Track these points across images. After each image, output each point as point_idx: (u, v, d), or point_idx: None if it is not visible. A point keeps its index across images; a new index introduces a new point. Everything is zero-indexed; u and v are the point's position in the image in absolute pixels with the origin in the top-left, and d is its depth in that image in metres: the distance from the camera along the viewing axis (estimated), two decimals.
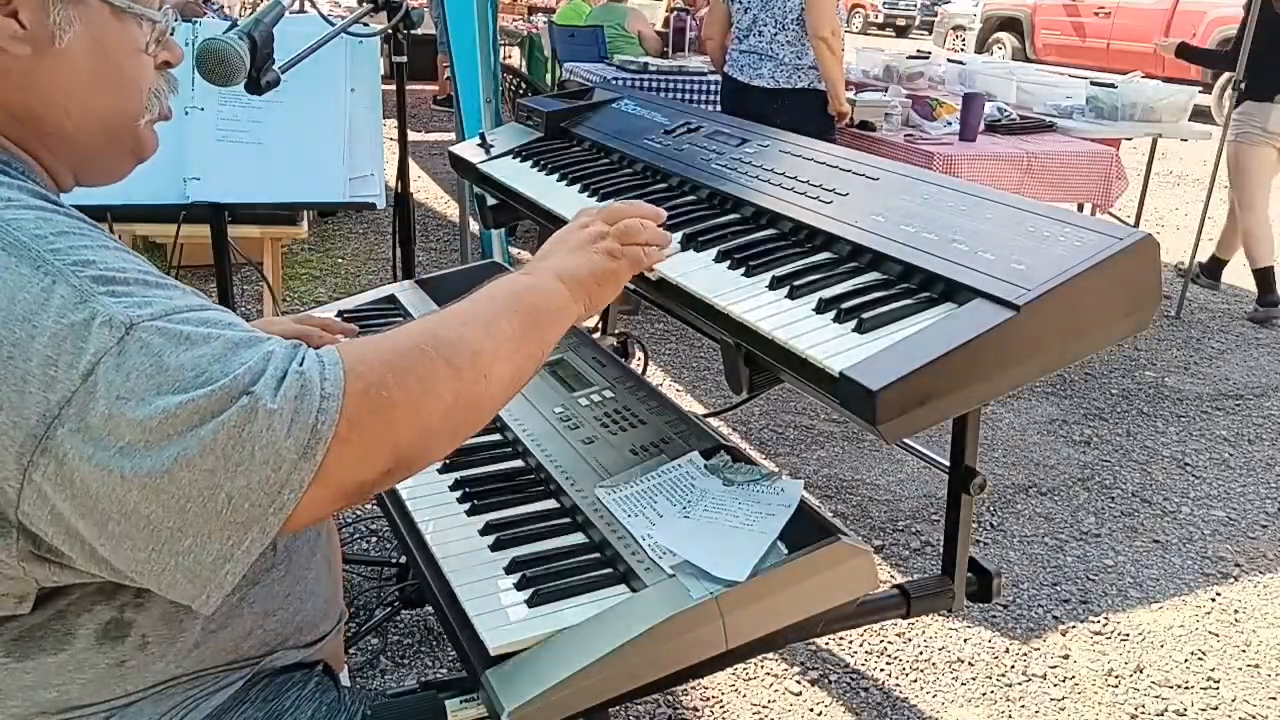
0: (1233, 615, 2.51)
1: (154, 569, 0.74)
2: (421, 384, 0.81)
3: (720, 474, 1.19)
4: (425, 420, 0.81)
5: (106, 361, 0.70)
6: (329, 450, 0.74)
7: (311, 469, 0.73)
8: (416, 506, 1.19)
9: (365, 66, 2.19)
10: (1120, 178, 4.20)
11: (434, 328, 0.87)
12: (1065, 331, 0.95)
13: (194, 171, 2.08)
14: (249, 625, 1.00)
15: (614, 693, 0.94)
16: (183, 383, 0.71)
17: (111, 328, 0.71)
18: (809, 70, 3.71)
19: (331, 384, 0.75)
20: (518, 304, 0.94)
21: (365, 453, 0.77)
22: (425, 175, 6.56)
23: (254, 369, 0.73)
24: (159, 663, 0.92)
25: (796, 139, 1.42)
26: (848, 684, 2.20)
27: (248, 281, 4.22)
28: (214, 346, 0.73)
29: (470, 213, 3.95)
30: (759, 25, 3.74)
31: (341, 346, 0.80)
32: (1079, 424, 3.56)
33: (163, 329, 0.72)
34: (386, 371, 0.79)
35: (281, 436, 0.72)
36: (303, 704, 1.02)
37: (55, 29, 0.83)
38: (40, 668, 0.86)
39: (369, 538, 2.61)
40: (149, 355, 0.71)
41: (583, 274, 1.02)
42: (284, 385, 0.73)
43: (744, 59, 3.82)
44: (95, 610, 0.87)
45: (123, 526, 0.72)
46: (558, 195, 1.49)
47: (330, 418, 0.74)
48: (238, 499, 0.72)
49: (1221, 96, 9.88)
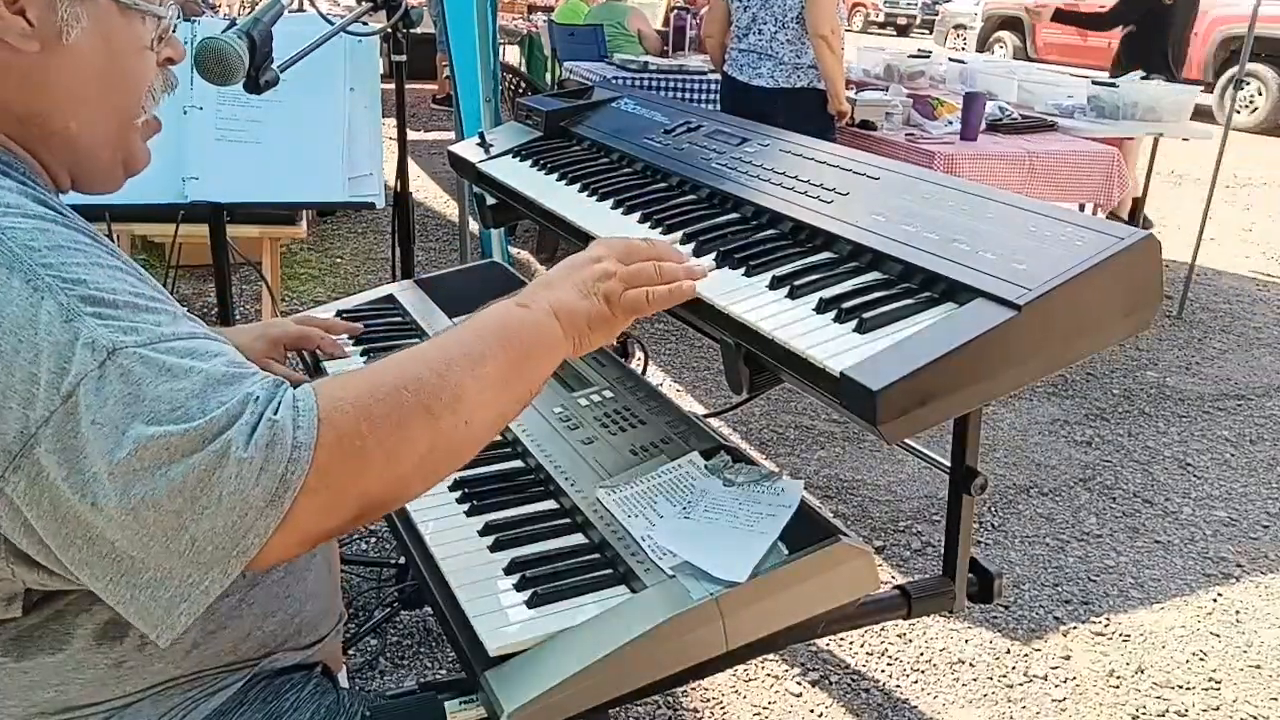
0: (1234, 616, 2.51)
1: (113, 596, 0.74)
2: (397, 433, 0.79)
3: (720, 474, 1.18)
4: (398, 470, 0.80)
5: (86, 385, 0.70)
6: (296, 500, 0.73)
7: (278, 516, 0.73)
8: (416, 507, 1.19)
9: (364, 66, 2.19)
10: (1122, 178, 4.19)
11: (417, 369, 0.84)
12: (1066, 331, 0.95)
13: (193, 171, 2.07)
14: (248, 626, 0.99)
15: (614, 694, 0.94)
16: (158, 415, 0.70)
17: (94, 351, 0.70)
18: (809, 69, 3.71)
19: (304, 433, 0.74)
20: (508, 342, 0.91)
21: (333, 502, 0.76)
22: (425, 175, 6.56)
23: (231, 411, 0.72)
24: (158, 663, 0.92)
25: (797, 138, 1.42)
26: (848, 685, 2.20)
27: (247, 281, 4.21)
28: (194, 381, 0.72)
29: (470, 212, 3.95)
30: (758, 24, 3.73)
31: (319, 389, 0.78)
32: (1080, 424, 3.56)
33: (145, 357, 0.72)
34: (361, 420, 0.77)
35: (250, 484, 0.71)
36: (302, 705, 1.02)
37: (63, 25, 0.82)
38: (39, 668, 0.86)
39: (369, 538, 2.60)
40: (128, 383, 0.70)
41: (578, 316, 0.97)
42: (256, 433, 0.72)
43: (743, 58, 3.82)
44: (93, 610, 0.87)
45: (84, 553, 0.72)
46: (557, 195, 1.48)
47: (300, 468, 0.73)
48: (201, 541, 0.72)
49: (1223, 96, 9.88)
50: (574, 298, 0.98)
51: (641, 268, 1.02)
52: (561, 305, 0.97)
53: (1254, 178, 8.05)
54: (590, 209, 1.40)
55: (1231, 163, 7.91)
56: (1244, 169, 8.30)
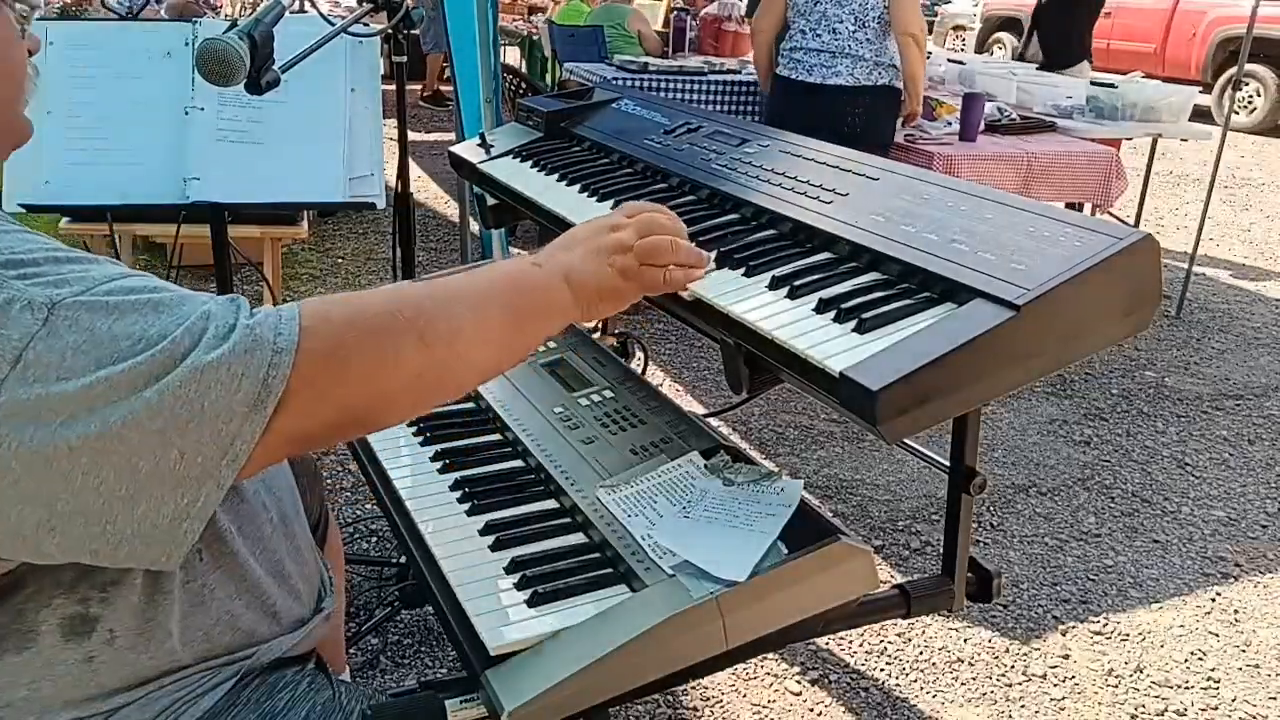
0: (1233, 615, 2.51)
1: (110, 542, 0.73)
2: (382, 349, 0.81)
3: (720, 474, 1.19)
4: (382, 385, 0.81)
5: (36, 345, 0.69)
6: (280, 402, 0.74)
7: (262, 420, 0.74)
8: (416, 506, 1.19)
9: (365, 66, 2.19)
10: (1120, 177, 4.20)
11: (419, 296, 0.86)
12: (1065, 332, 0.95)
13: (194, 171, 2.08)
14: (216, 611, 0.97)
15: (614, 693, 0.94)
16: (120, 352, 0.71)
17: (33, 310, 0.70)
18: (889, 67, 3.67)
19: (285, 339, 0.75)
20: (517, 295, 0.93)
21: (318, 405, 0.78)
22: (425, 175, 6.56)
23: (193, 329, 0.73)
24: (129, 654, 0.90)
25: (797, 138, 1.42)
26: (848, 684, 2.20)
27: (248, 281, 4.22)
28: (144, 312, 0.73)
29: (470, 213, 3.95)
30: (831, 21, 3.64)
31: (306, 302, 0.80)
32: (1079, 424, 3.56)
33: (88, 303, 0.72)
34: (347, 330, 0.79)
35: (231, 391, 0.72)
36: (296, 704, 1.01)
37: None
38: (6, 668, 0.85)
39: (369, 538, 2.61)
40: (79, 331, 0.71)
41: (590, 284, 0.98)
42: (232, 339, 0.73)
43: (811, 58, 3.69)
44: (55, 605, 0.85)
45: (72, 503, 0.71)
46: (558, 195, 1.49)
47: (281, 372, 0.74)
48: (190, 454, 0.72)
49: (1222, 96, 9.89)
50: (589, 266, 0.99)
51: (658, 243, 1.02)
52: (574, 272, 0.98)
53: (1252, 178, 8.05)
54: (591, 209, 1.41)
55: (1230, 163, 7.94)
56: (1243, 169, 8.30)
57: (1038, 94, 4.76)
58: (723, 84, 4.63)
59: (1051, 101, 4.71)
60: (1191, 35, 10.24)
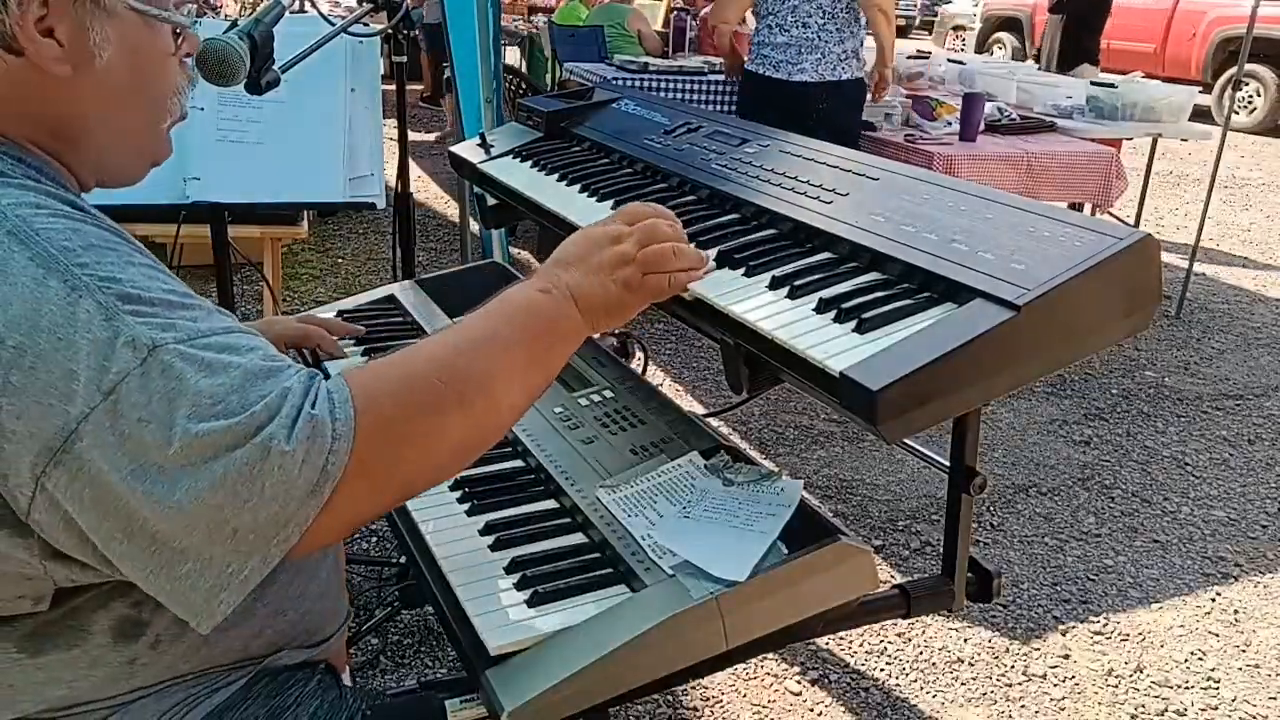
0: (1233, 615, 2.51)
1: (154, 586, 0.76)
2: (431, 422, 0.82)
3: (720, 474, 1.19)
4: (434, 458, 0.83)
5: (130, 381, 0.71)
6: (336, 489, 0.76)
7: (318, 505, 0.75)
8: (416, 506, 1.19)
9: (365, 66, 2.19)
10: (1120, 178, 4.20)
11: (450, 356, 0.86)
12: (1065, 332, 0.95)
13: (194, 171, 2.08)
14: (259, 624, 1.00)
15: (614, 693, 0.94)
16: (200, 410, 0.72)
17: (135, 348, 0.72)
18: (851, 59, 3.67)
19: (343, 424, 0.76)
20: (534, 329, 0.93)
21: (372, 489, 0.79)
22: (425, 175, 6.56)
23: (271, 406, 0.74)
24: (166, 658, 0.92)
25: (796, 139, 1.42)
26: (848, 684, 2.20)
27: (248, 281, 4.21)
28: (233, 375, 0.74)
29: (470, 213, 3.95)
30: (801, 16, 3.62)
31: (353, 380, 0.80)
32: (1079, 424, 3.56)
33: (185, 354, 0.73)
34: (397, 410, 0.80)
35: (293, 477, 0.73)
36: (304, 701, 1.03)
37: (95, 49, 0.83)
38: (53, 664, 0.86)
39: (369, 538, 2.61)
40: (170, 379, 0.72)
41: (597, 302, 0.98)
42: (297, 427, 0.74)
43: (779, 54, 3.69)
44: (111, 607, 0.87)
45: (126, 546, 0.73)
46: (558, 195, 1.48)
47: (340, 459, 0.75)
48: (243, 531, 0.74)
49: (1222, 96, 9.89)
50: (593, 284, 0.98)
51: (660, 251, 1.02)
52: (580, 291, 0.98)
53: (1252, 178, 8.05)
54: (591, 209, 1.41)
55: (1230, 163, 7.94)
56: (1242, 169, 8.31)
57: (1038, 94, 4.76)
58: (723, 84, 4.62)
59: (1051, 101, 4.71)
60: (1191, 35, 10.24)
